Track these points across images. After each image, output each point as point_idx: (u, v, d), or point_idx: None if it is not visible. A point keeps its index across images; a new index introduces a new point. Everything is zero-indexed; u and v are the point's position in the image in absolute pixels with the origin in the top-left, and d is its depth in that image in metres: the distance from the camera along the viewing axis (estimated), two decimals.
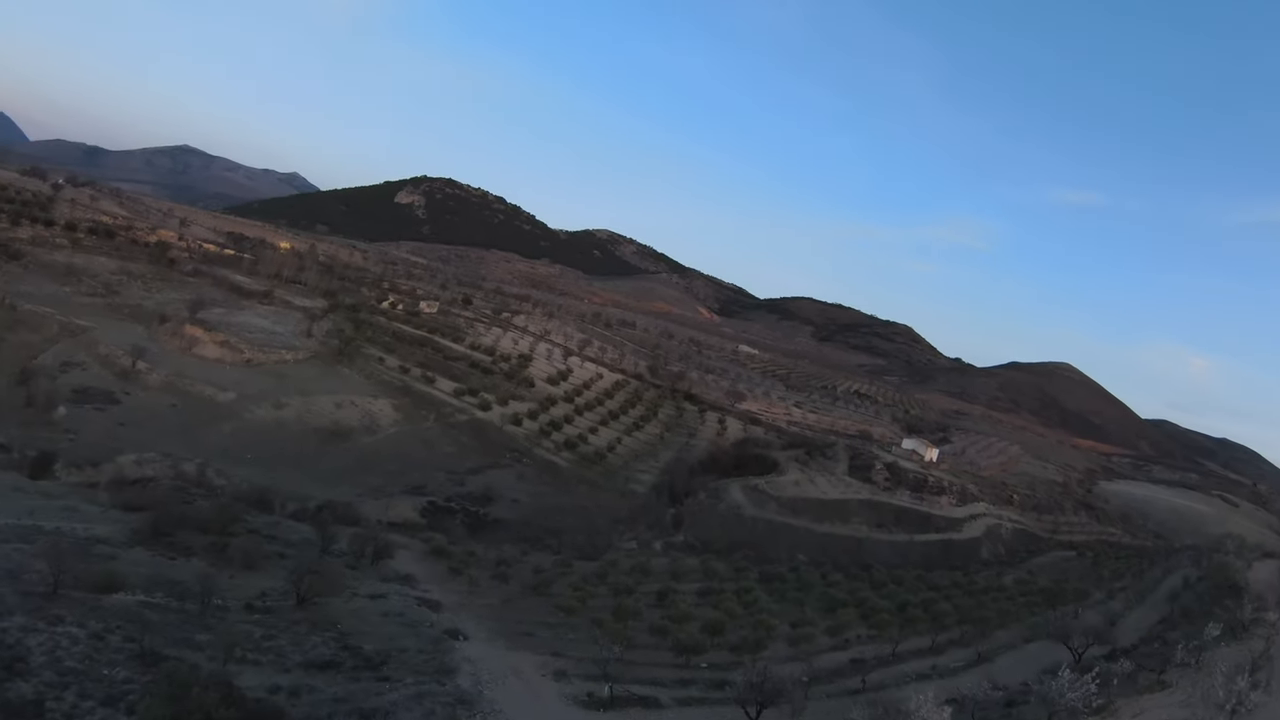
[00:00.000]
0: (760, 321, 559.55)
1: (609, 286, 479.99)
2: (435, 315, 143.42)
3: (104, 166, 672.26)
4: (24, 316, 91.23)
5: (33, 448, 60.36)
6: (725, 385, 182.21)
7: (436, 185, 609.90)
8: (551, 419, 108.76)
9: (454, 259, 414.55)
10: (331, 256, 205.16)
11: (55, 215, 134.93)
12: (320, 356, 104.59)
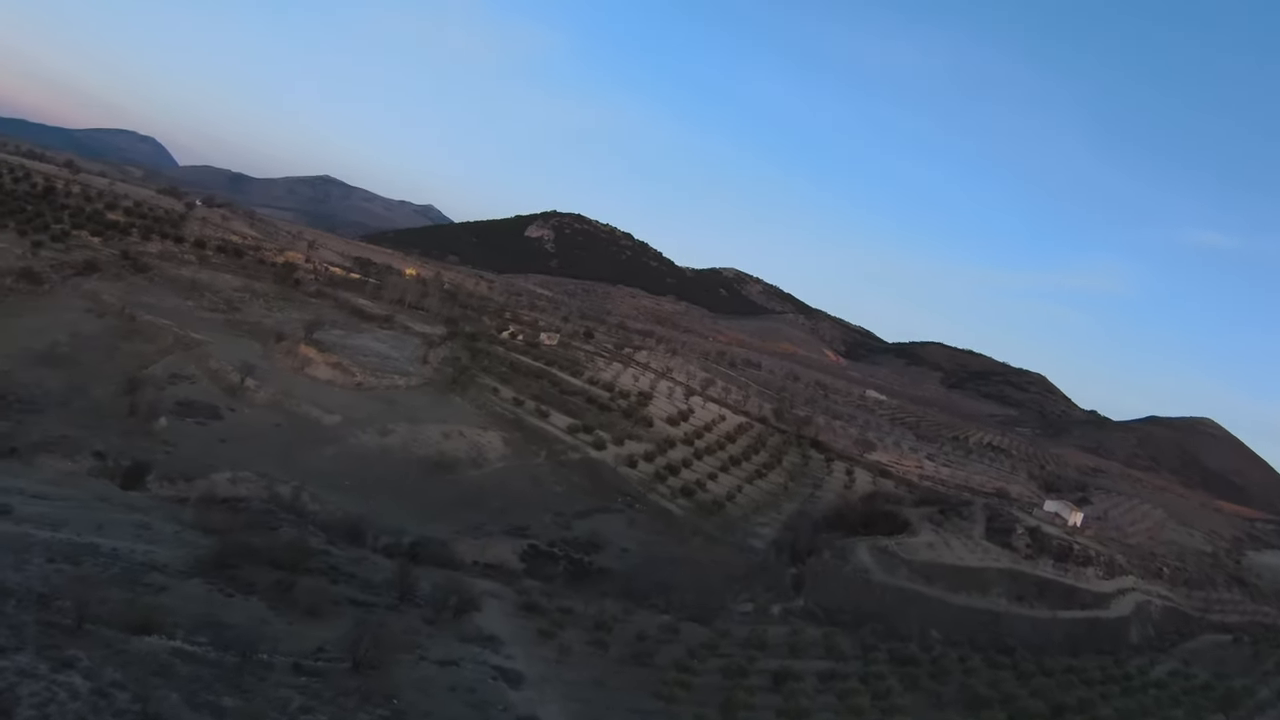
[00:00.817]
0: (888, 366, 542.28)
1: (734, 325, 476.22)
2: (555, 347, 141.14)
3: (248, 192, 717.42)
4: (142, 327, 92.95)
5: (128, 457, 59.42)
6: (854, 433, 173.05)
7: (566, 220, 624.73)
8: (669, 462, 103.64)
9: (580, 293, 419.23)
10: (457, 285, 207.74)
11: (185, 232, 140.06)
12: (433, 384, 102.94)
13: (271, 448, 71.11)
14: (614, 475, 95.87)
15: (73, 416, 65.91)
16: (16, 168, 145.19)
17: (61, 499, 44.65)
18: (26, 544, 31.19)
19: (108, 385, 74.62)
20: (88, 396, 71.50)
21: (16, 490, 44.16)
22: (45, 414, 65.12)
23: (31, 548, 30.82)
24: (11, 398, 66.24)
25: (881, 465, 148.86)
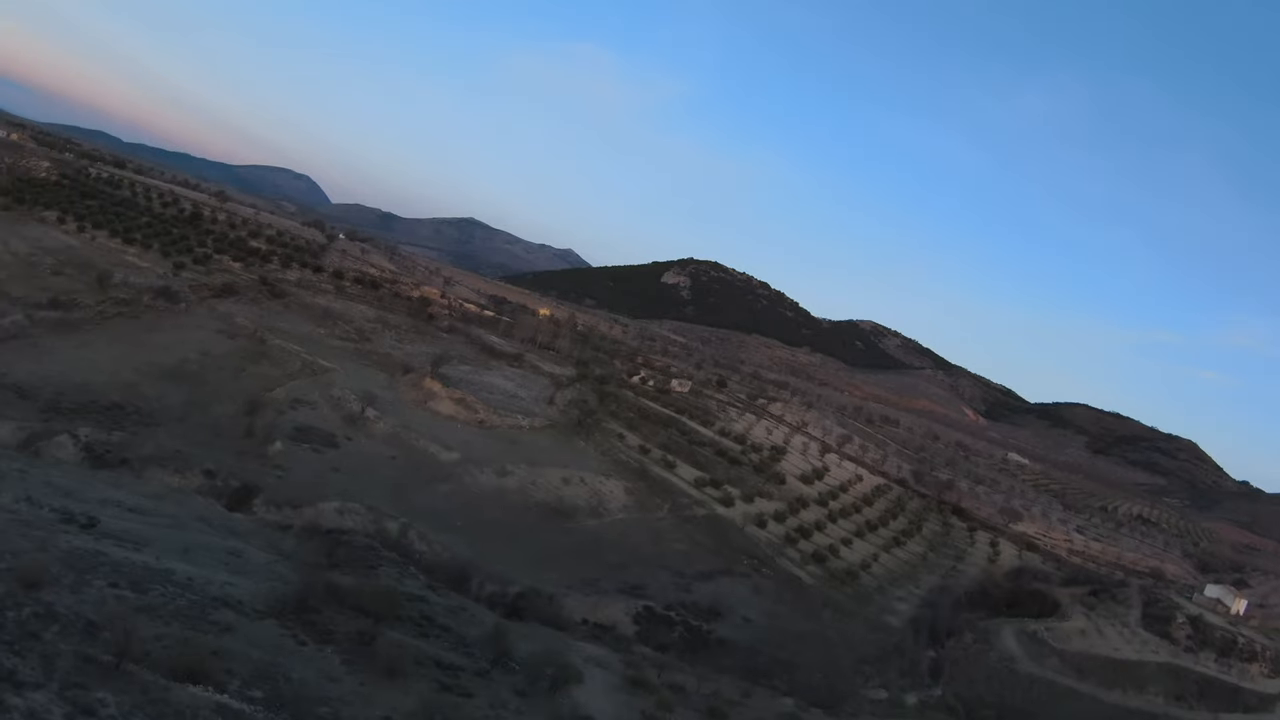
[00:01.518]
0: (1029, 428, 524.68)
1: (870, 380, 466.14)
2: (686, 395, 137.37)
3: (396, 231, 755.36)
4: (271, 351, 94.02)
5: (239, 478, 58.36)
6: (998, 500, 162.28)
7: (702, 268, 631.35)
8: (801, 524, 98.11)
9: (714, 340, 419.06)
10: (590, 327, 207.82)
11: (324, 262, 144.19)
12: (558, 426, 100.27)
13: (384, 481, 69.26)
14: (741, 535, 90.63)
15: (189, 433, 65.71)
16: (166, 193, 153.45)
17: (158, 515, 43.00)
18: (95, 563, 28.67)
19: (229, 405, 74.73)
20: (208, 414, 71.57)
21: (114, 502, 42.77)
22: (162, 428, 65.15)
23: (99, 568, 28.25)
24: (131, 409, 66.71)
25: (1028, 537, 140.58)
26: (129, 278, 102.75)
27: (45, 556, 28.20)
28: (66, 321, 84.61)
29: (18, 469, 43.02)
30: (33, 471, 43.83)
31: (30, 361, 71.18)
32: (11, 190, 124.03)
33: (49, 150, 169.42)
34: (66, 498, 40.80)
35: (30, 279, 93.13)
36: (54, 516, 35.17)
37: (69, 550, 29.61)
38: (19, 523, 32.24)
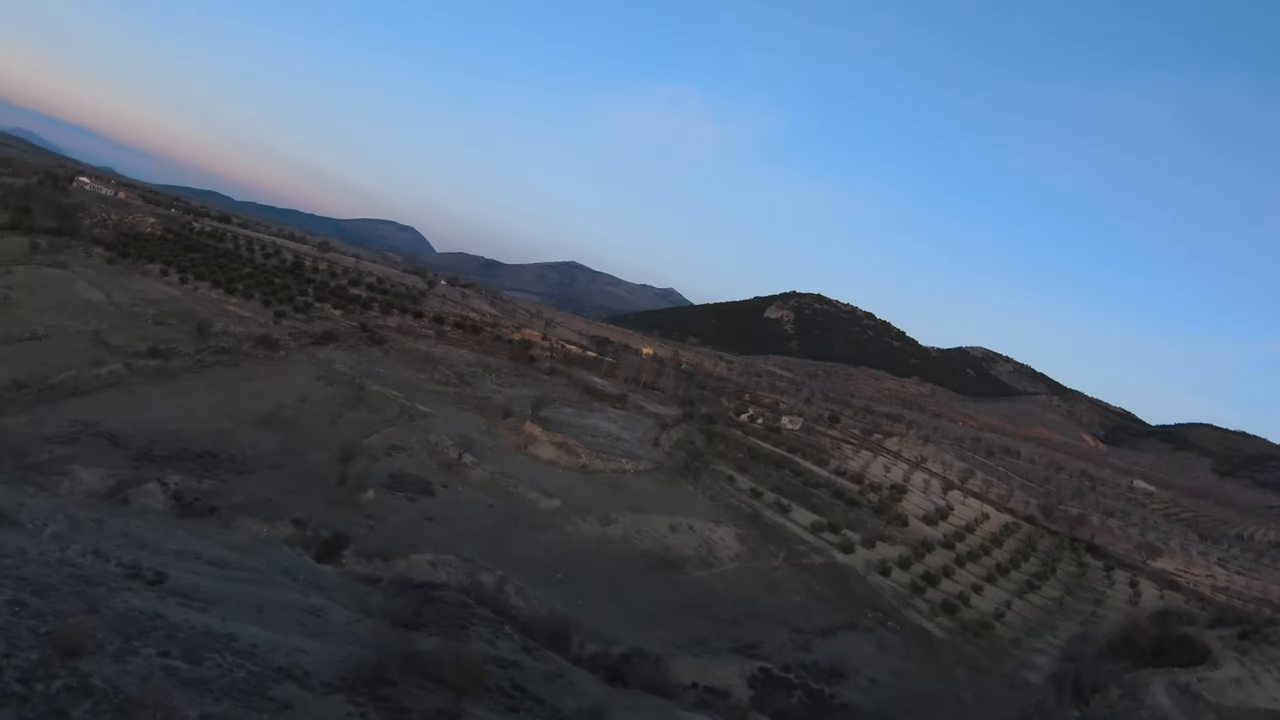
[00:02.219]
0: (1151, 451, 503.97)
1: (983, 409, 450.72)
2: (798, 432, 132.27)
3: (499, 277, 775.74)
4: (369, 397, 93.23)
5: (329, 528, 56.27)
6: (1133, 533, 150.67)
7: (805, 300, 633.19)
8: (927, 570, 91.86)
9: (821, 375, 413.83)
10: (695, 365, 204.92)
11: (425, 308, 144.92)
12: (664, 469, 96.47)
13: (481, 530, 66.41)
14: (863, 585, 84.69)
15: (281, 481, 64.26)
16: (268, 245, 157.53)
17: (238, 569, 40.78)
18: (149, 627, 26.00)
19: (323, 452, 73.39)
20: (301, 462, 70.25)
21: (192, 554, 40.75)
22: (254, 476, 63.88)
23: (152, 633, 25.55)
24: (224, 457, 65.74)
25: (1168, 574, 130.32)
26: (229, 326, 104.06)
27: (94, 619, 25.70)
28: (165, 370, 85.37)
29: (95, 519, 41.50)
30: (111, 521, 42.30)
31: (126, 409, 71.40)
32: (116, 245, 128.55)
33: (155, 207, 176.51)
34: (141, 550, 38.92)
35: (132, 329, 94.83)
36: (119, 572, 33.03)
37: (124, 611, 27.13)
38: (78, 579, 30.06)
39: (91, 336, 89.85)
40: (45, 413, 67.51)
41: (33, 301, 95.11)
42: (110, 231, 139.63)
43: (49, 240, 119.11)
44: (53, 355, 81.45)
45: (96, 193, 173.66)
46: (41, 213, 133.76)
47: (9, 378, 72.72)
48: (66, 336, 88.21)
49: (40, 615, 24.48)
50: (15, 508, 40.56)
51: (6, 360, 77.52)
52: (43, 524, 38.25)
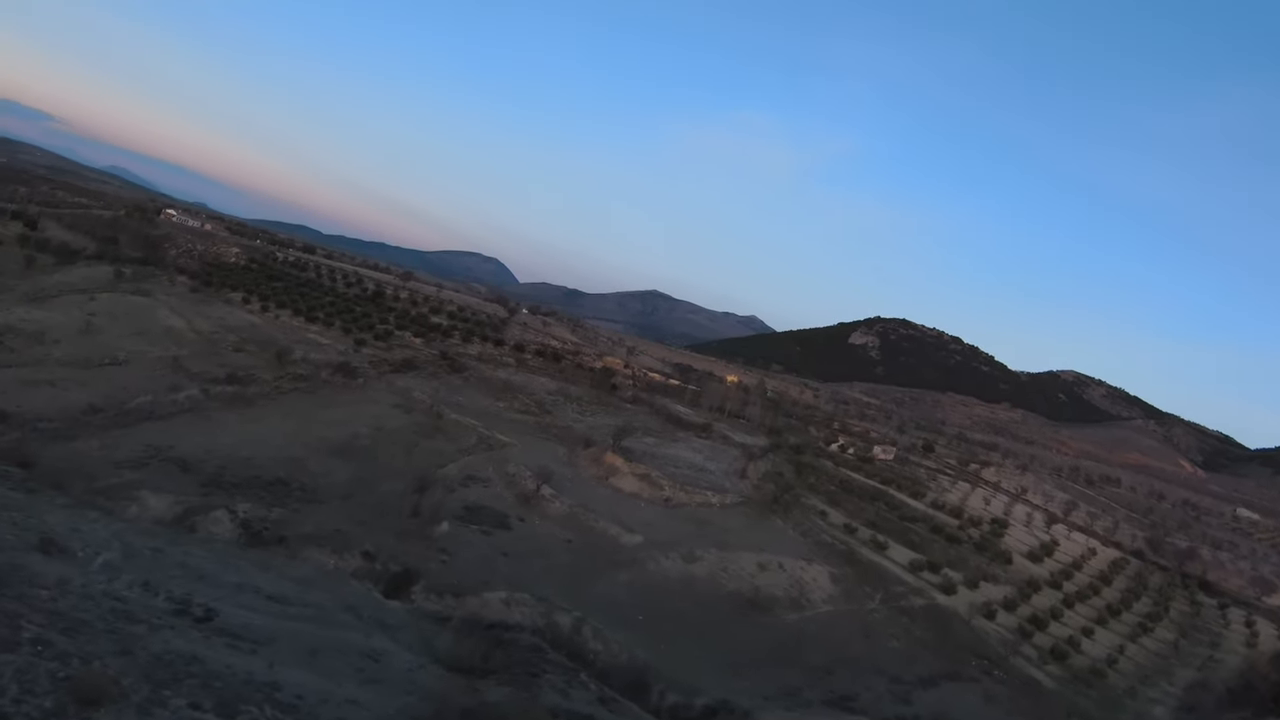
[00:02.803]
0: (1253, 477, 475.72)
1: (1076, 435, 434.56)
2: (891, 463, 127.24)
3: (581, 306, 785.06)
4: (447, 425, 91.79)
5: (399, 562, 54.10)
6: (1244, 567, 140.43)
7: (890, 326, 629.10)
8: (1034, 612, 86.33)
9: (908, 401, 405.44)
10: (780, 393, 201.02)
11: (506, 336, 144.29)
12: (751, 503, 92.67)
13: (558, 567, 63.57)
14: (966, 629, 79.20)
15: (352, 511, 62.54)
16: (350, 274, 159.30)
17: (299, 604, 38.62)
18: (184, 673, 23.53)
19: (397, 482, 71.71)
20: (374, 492, 68.58)
21: (252, 588, 38.73)
22: (325, 505, 62.30)
23: (186, 679, 23.05)
24: (295, 485, 64.40)
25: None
26: (309, 354, 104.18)
27: (124, 662, 23.40)
28: (241, 396, 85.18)
29: (153, 548, 39.88)
30: (170, 551, 40.66)
31: (199, 435, 70.85)
32: (200, 274, 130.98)
33: (239, 238, 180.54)
34: (197, 582, 37.03)
35: (211, 356, 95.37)
36: (166, 607, 30.95)
37: (159, 654, 24.83)
38: (118, 615, 28.01)
39: (171, 363, 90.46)
40: (119, 437, 67.25)
41: (114, 328, 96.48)
42: (195, 261, 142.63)
43: (134, 269, 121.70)
44: (131, 380, 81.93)
45: (183, 224, 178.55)
46: (128, 243, 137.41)
47: (86, 402, 72.99)
48: (146, 362, 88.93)
49: (65, 657, 22.26)
50: (70, 534, 39.22)
51: (85, 385, 78.07)
52: (95, 552, 36.69)
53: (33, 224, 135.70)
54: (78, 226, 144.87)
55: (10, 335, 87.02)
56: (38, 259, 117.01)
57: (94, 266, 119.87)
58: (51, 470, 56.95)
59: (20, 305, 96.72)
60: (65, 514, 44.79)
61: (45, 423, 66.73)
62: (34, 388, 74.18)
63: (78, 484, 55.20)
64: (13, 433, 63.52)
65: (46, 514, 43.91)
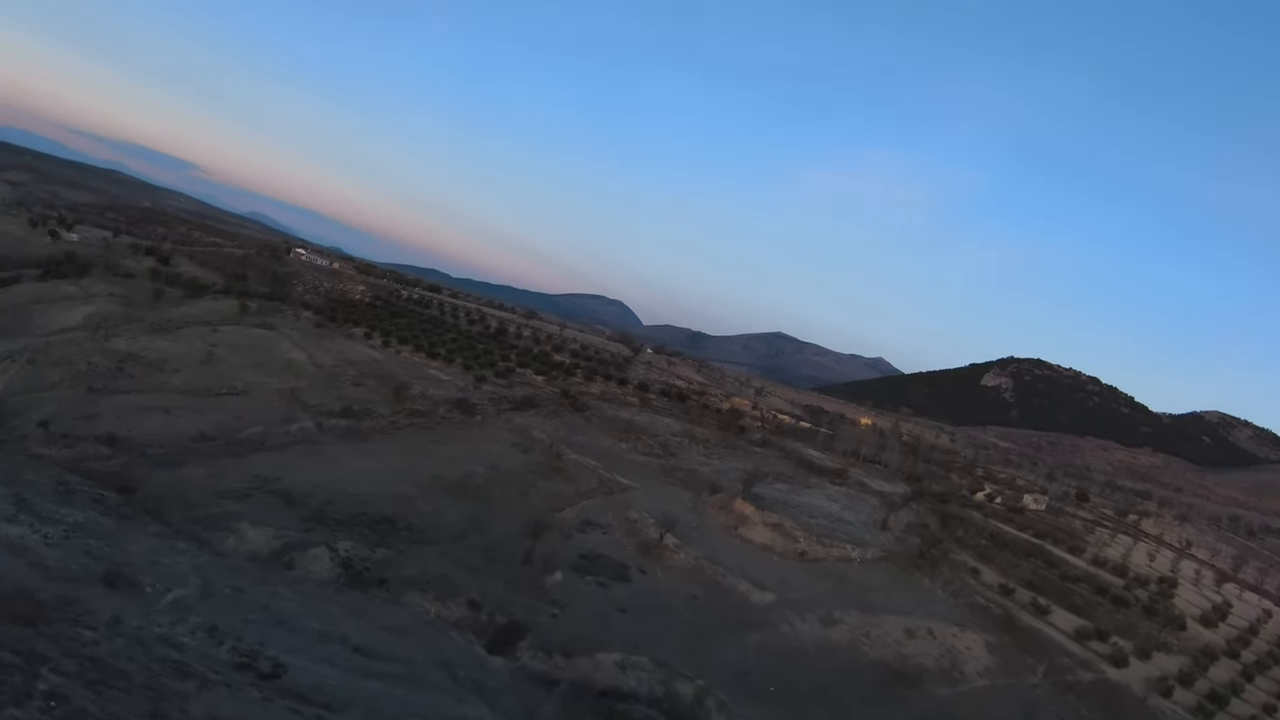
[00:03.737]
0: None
1: (1223, 480, 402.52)
2: (1043, 513, 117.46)
3: (705, 349, 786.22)
4: (566, 465, 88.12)
5: (507, 613, 49.92)
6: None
7: (1024, 366, 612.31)
8: (1213, 687, 76.26)
9: (1045, 446, 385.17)
10: (915, 436, 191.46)
11: (629, 375, 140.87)
12: (895, 558, 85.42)
13: (681, 627, 58.17)
14: (1141, 710, 69.84)
15: (461, 555, 58.89)
16: (474, 312, 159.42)
17: (388, 659, 34.73)
18: None
19: (510, 525, 67.96)
20: (485, 535, 64.92)
21: (338, 637, 35.06)
22: (432, 547, 58.87)
23: None
24: (403, 524, 61.28)
25: None
26: (427, 389, 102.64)
27: None
28: (356, 430, 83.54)
29: (235, 586, 36.73)
30: (253, 591, 37.48)
31: (308, 468, 68.90)
32: (324, 309, 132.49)
33: (366, 276, 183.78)
34: (275, 629, 33.49)
35: (329, 389, 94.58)
36: (229, 659, 27.31)
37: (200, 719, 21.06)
38: (167, 666, 24.42)
39: (288, 394, 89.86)
40: (227, 466, 65.83)
41: (235, 359, 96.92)
42: (320, 297, 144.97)
43: (259, 303, 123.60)
44: (246, 410, 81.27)
45: (311, 263, 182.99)
46: (256, 279, 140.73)
47: (197, 429, 72.26)
48: (263, 393, 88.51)
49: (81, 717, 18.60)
50: (146, 566, 36.39)
51: (201, 413, 77.62)
52: (166, 588, 33.57)
53: (165, 260, 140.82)
54: (209, 263, 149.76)
55: (132, 362, 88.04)
56: (167, 292, 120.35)
57: (220, 300, 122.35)
58: (152, 496, 55.41)
59: (145, 335, 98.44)
60: (151, 543, 42.24)
61: (154, 449, 65.94)
62: (148, 414, 73.98)
63: (176, 512, 53.36)
64: (121, 457, 62.80)
65: (130, 542, 41.47)
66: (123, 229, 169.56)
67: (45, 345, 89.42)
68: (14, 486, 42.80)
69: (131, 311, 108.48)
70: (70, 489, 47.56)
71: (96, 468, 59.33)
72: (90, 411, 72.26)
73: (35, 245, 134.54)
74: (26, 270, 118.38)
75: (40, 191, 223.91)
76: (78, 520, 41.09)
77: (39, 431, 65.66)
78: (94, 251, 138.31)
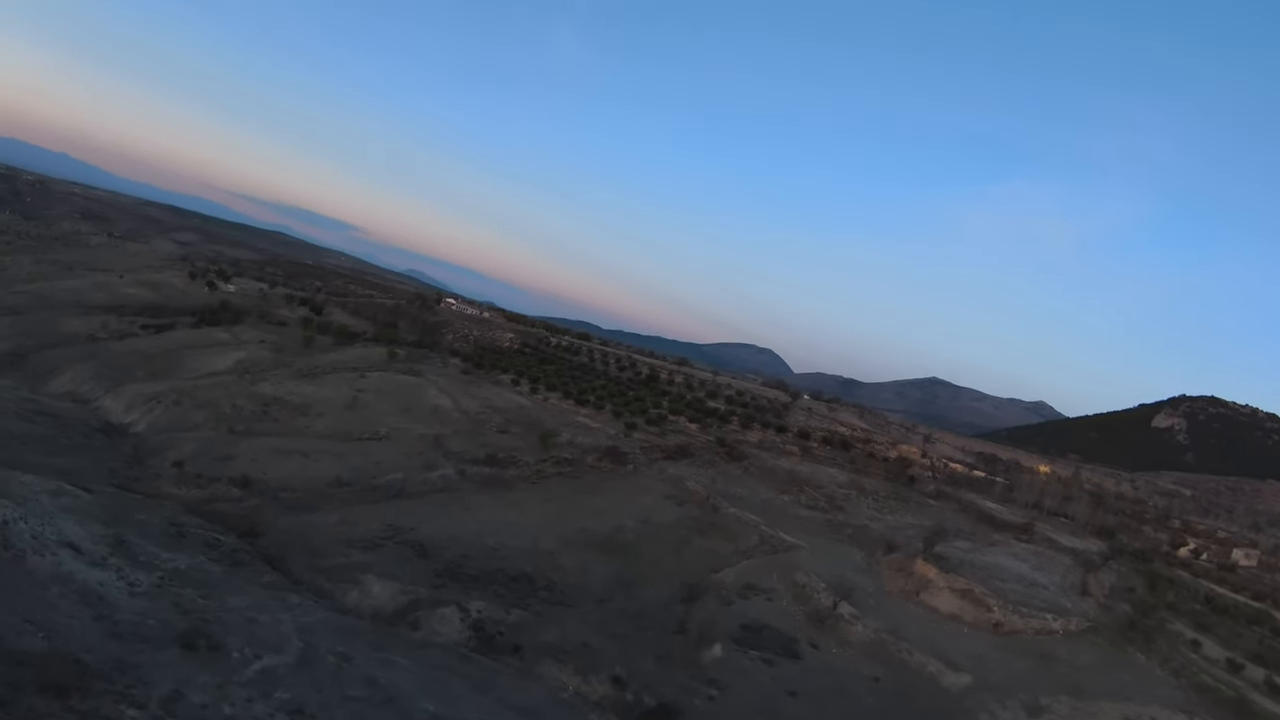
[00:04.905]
0: None
1: None
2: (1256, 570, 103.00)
3: (857, 396, 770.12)
4: (724, 520, 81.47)
5: (655, 694, 43.48)
6: None
7: (1198, 405, 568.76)
8: None
9: (1224, 491, 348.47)
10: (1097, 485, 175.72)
11: (789, 422, 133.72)
12: (1102, 629, 74.25)
13: (862, 715, 50.16)
14: None
15: (606, 620, 52.91)
16: (624, 359, 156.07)
17: None
18: None
19: (662, 587, 61.71)
20: (634, 598, 58.84)
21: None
22: (574, 610, 53.15)
23: None
24: (542, 583, 55.90)
25: None
26: (576, 437, 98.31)
27: None
28: (499, 479, 79.42)
29: (339, 653, 31.70)
30: (361, 659, 32.39)
31: (446, 518, 64.79)
32: (472, 356, 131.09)
33: (515, 324, 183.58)
34: (380, 709, 28.02)
35: (474, 435, 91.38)
36: None
37: None
38: None
39: (431, 441, 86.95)
40: (361, 513, 62.42)
41: (380, 404, 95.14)
42: (469, 345, 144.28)
43: (408, 351, 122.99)
44: (386, 456, 78.40)
45: (461, 312, 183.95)
46: (406, 328, 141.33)
47: (334, 474, 69.48)
48: (406, 439, 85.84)
49: None
50: (242, 624, 31.72)
51: (341, 458, 75.13)
52: (256, 654, 28.62)
53: (319, 309, 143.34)
54: (360, 312, 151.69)
55: (277, 406, 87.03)
56: (317, 339, 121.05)
57: (370, 347, 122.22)
58: (276, 542, 52.00)
59: (292, 379, 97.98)
60: (258, 595, 37.87)
61: (287, 492, 63.26)
62: (286, 457, 71.82)
63: (299, 560, 49.68)
64: (252, 499, 60.30)
65: (233, 594, 37.18)
66: (280, 281, 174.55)
67: (192, 387, 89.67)
68: (118, 527, 39.54)
69: (281, 357, 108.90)
70: (183, 531, 44.28)
71: (224, 509, 56.85)
72: (228, 453, 70.60)
73: (193, 295, 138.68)
74: (182, 318, 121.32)
75: (206, 250, 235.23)
76: (179, 566, 37.29)
77: (173, 471, 64.09)
78: (249, 301, 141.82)
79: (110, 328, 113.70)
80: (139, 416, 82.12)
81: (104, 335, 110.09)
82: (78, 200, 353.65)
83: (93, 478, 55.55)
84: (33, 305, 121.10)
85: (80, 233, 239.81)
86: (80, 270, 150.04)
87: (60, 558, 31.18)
